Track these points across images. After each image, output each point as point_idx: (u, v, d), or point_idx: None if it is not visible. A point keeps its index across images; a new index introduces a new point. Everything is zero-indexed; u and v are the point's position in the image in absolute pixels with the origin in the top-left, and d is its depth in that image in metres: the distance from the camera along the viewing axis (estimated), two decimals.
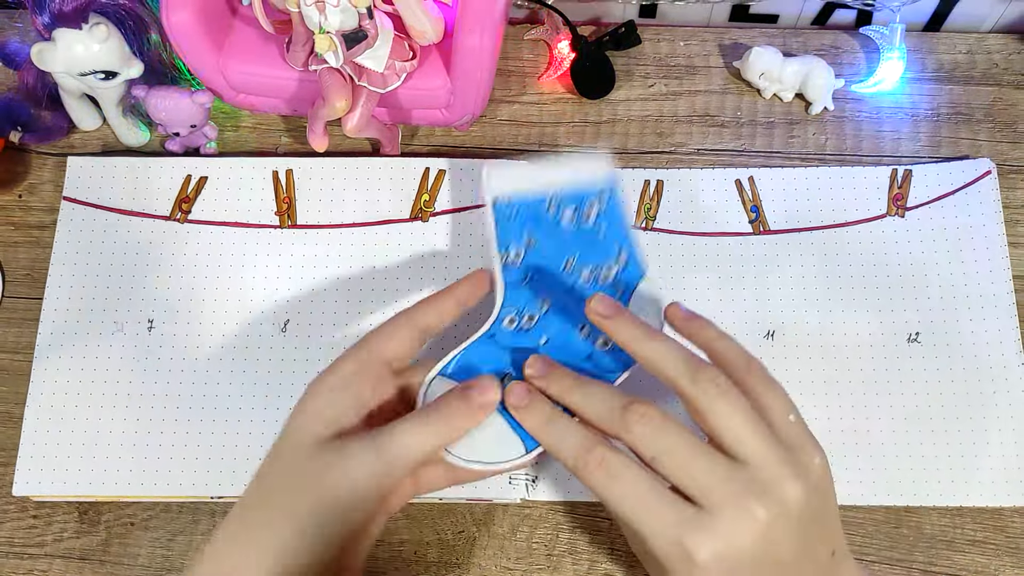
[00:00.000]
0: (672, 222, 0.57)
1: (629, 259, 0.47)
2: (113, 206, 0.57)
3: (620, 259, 0.47)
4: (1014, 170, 0.58)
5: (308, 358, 0.54)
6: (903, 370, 0.53)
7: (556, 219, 0.48)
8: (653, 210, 0.57)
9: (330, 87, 0.51)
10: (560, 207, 0.48)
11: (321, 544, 0.39)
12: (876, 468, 0.51)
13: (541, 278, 0.47)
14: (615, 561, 0.50)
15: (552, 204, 0.48)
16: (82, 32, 0.52)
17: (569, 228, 0.48)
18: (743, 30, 0.63)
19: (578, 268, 0.47)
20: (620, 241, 0.48)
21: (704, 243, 0.56)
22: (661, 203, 0.57)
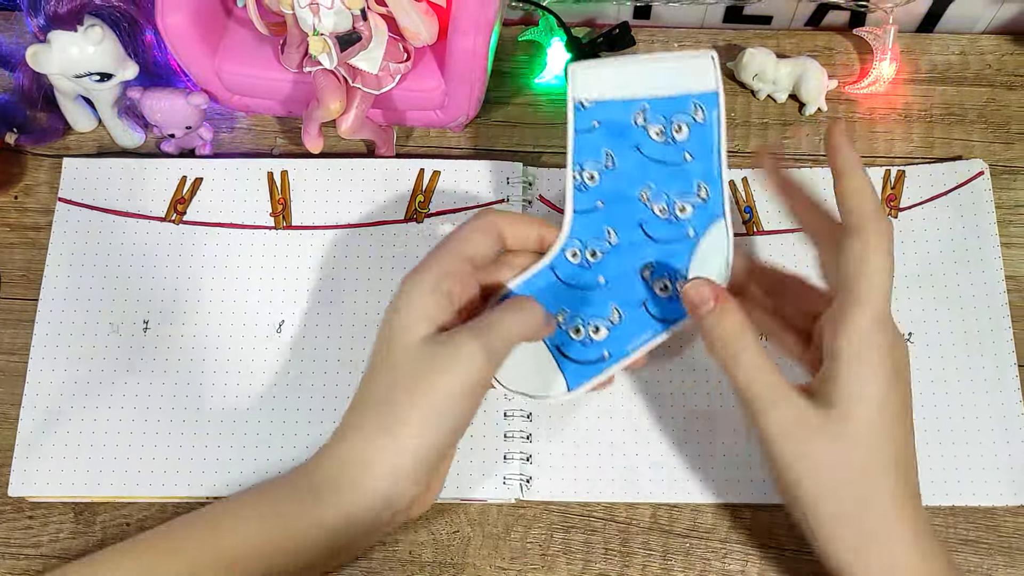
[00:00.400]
0: None
1: (711, 195, 0.45)
2: (108, 207, 0.57)
3: (701, 193, 0.45)
4: (1007, 171, 0.58)
5: (303, 359, 0.54)
6: None
7: (643, 132, 0.45)
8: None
9: (324, 89, 0.52)
10: (649, 118, 0.45)
11: (444, 435, 0.42)
12: None
13: (613, 207, 0.46)
14: (609, 561, 0.50)
15: (641, 114, 0.45)
16: (77, 34, 0.52)
17: (654, 146, 0.45)
18: (737, 31, 0.63)
19: (654, 198, 0.45)
20: (705, 171, 0.45)
21: None
22: None
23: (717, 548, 0.51)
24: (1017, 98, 0.61)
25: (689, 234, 0.45)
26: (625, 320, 0.46)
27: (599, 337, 0.46)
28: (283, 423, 0.53)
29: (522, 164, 0.58)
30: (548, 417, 0.53)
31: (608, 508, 0.52)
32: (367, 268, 0.56)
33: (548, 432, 0.53)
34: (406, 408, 0.42)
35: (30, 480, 0.51)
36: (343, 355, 0.54)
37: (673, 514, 0.51)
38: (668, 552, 0.51)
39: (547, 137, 0.60)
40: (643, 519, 0.51)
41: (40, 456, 0.52)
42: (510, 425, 0.53)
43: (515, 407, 0.53)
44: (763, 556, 0.50)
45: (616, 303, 0.45)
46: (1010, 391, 0.53)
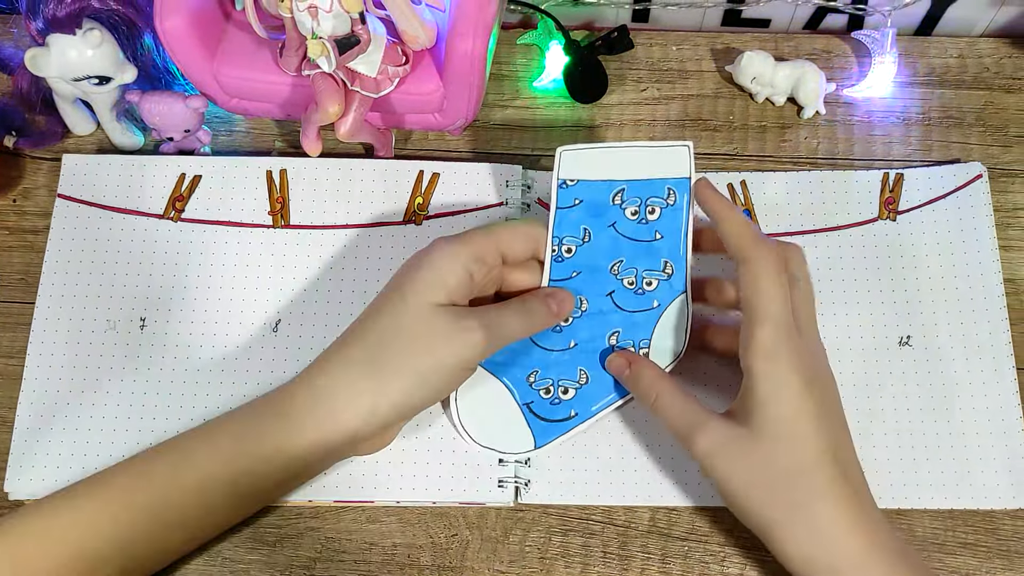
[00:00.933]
0: None
1: (675, 272, 0.50)
2: (107, 204, 0.57)
3: (666, 270, 0.50)
4: (1005, 174, 0.58)
5: (299, 359, 0.54)
6: (894, 373, 0.53)
7: (619, 211, 0.50)
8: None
9: (323, 92, 0.52)
10: (626, 199, 0.50)
11: (424, 397, 0.46)
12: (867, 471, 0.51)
13: (587, 277, 0.50)
14: (608, 565, 0.50)
15: (619, 194, 0.50)
16: (76, 37, 0.52)
17: (628, 224, 0.50)
18: (735, 34, 0.63)
19: (624, 271, 0.50)
20: (672, 249, 0.50)
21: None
22: None
23: (716, 551, 0.51)
24: (1015, 101, 0.61)
25: (654, 305, 0.50)
26: (591, 382, 0.51)
27: (567, 397, 0.51)
28: None
29: (521, 167, 0.58)
30: None
31: (607, 511, 0.52)
32: (364, 269, 0.56)
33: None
34: (399, 362, 0.45)
35: (27, 481, 0.51)
36: None
37: (672, 517, 0.51)
38: (666, 555, 0.51)
39: (546, 140, 0.60)
40: (642, 522, 0.51)
41: (37, 455, 0.52)
42: None
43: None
44: (761, 560, 0.50)
45: (584, 366, 0.51)
46: (1008, 394, 0.53)
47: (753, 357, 0.44)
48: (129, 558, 0.45)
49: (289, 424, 0.46)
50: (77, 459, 0.52)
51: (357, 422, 0.45)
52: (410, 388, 0.45)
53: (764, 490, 0.44)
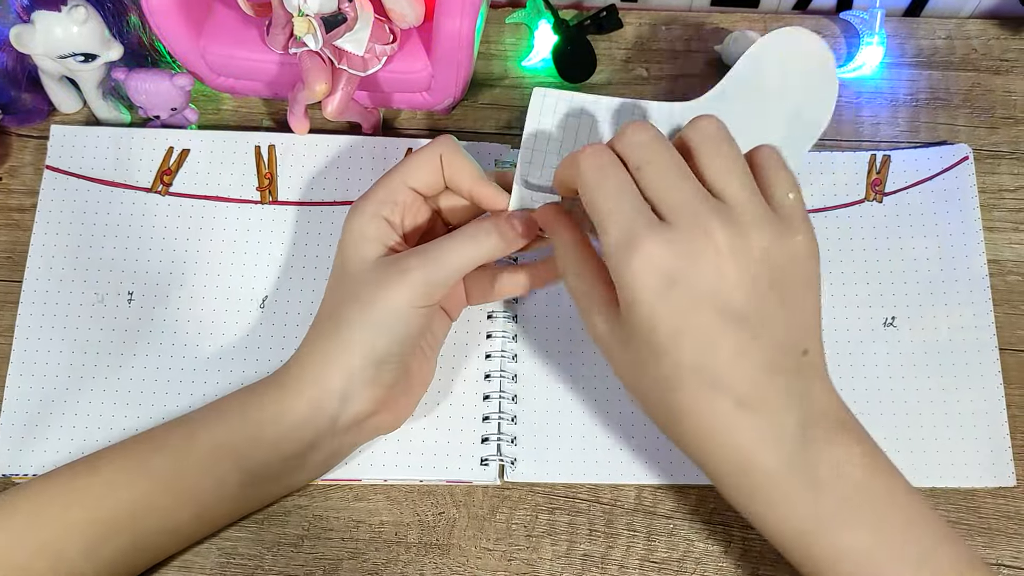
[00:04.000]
0: None
1: None
2: (95, 176, 0.57)
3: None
4: (991, 155, 0.59)
5: (285, 335, 0.54)
6: (879, 354, 0.54)
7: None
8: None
9: (310, 70, 0.51)
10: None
11: (388, 343, 0.46)
12: None
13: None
14: (594, 542, 0.51)
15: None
16: (61, 14, 0.52)
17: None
18: (724, 14, 0.63)
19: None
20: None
21: None
22: None
23: (701, 529, 0.51)
24: (1002, 83, 0.61)
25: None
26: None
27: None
28: None
29: (510, 146, 0.58)
30: (534, 399, 0.53)
31: (593, 489, 0.52)
32: None
33: (534, 414, 0.53)
34: (353, 317, 0.46)
35: (15, 459, 0.51)
36: None
37: (657, 495, 0.52)
38: (652, 533, 0.51)
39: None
40: (627, 500, 0.52)
41: (23, 436, 0.52)
42: (489, 407, 0.53)
43: (494, 389, 0.53)
44: (745, 536, 0.51)
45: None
46: (991, 375, 0.53)
47: (609, 266, 0.40)
48: (139, 531, 0.46)
49: (282, 392, 0.47)
50: (67, 432, 0.52)
51: (338, 382, 0.46)
52: (371, 339, 0.46)
53: (641, 396, 0.42)
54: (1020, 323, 0.55)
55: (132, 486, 0.46)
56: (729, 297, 0.38)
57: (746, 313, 0.39)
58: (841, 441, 0.41)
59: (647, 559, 0.51)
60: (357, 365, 0.46)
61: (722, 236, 0.38)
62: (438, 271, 0.46)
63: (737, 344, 0.39)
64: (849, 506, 0.40)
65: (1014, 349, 0.54)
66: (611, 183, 0.40)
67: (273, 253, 0.56)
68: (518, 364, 0.54)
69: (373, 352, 0.46)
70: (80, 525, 0.45)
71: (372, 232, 0.47)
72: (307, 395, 0.47)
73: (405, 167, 0.48)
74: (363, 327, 0.46)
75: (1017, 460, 0.52)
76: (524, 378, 0.54)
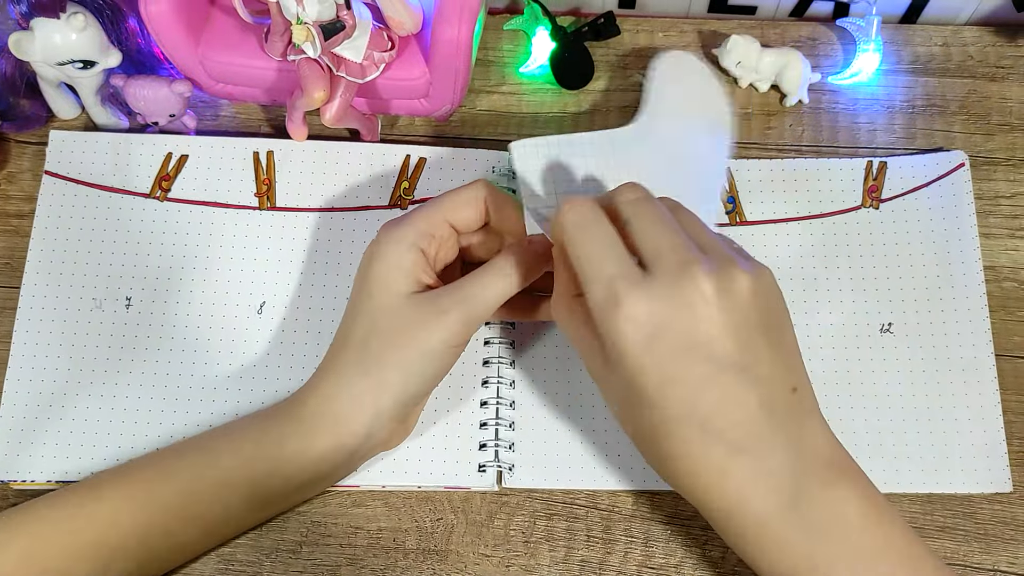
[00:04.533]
0: None
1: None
2: (93, 182, 0.57)
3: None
4: (987, 162, 0.59)
5: (283, 340, 0.54)
6: (876, 360, 0.54)
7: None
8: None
9: (308, 77, 0.52)
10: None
11: (419, 384, 0.47)
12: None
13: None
14: (591, 548, 0.51)
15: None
16: (60, 21, 0.52)
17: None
18: (722, 21, 0.64)
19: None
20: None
21: None
22: None
23: (698, 535, 0.51)
24: (998, 89, 0.61)
25: None
26: None
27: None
28: (262, 404, 0.53)
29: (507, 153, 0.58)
30: (531, 405, 0.53)
31: (591, 496, 0.52)
32: (350, 252, 0.56)
33: (531, 420, 0.53)
34: (386, 358, 0.45)
35: (13, 465, 0.51)
36: (323, 339, 0.54)
37: (655, 502, 0.52)
38: (649, 539, 0.51)
39: (531, 126, 0.60)
40: (625, 506, 0.52)
41: (21, 441, 0.52)
42: (487, 413, 0.53)
43: (492, 396, 0.53)
44: None
45: None
46: (987, 381, 0.53)
47: (596, 320, 0.40)
48: (147, 551, 0.46)
49: (303, 429, 0.46)
50: (64, 437, 0.52)
51: (366, 422, 0.46)
52: (404, 380, 0.46)
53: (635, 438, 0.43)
54: (1016, 329, 0.55)
55: (140, 513, 0.45)
56: (717, 343, 0.39)
57: (734, 357, 0.39)
58: (835, 483, 0.40)
59: (645, 565, 0.51)
60: (387, 407, 0.46)
61: (708, 282, 0.39)
62: (474, 309, 0.45)
63: (727, 389, 0.39)
64: (844, 550, 0.39)
65: (1010, 355, 0.54)
66: (592, 239, 0.41)
67: (271, 259, 0.56)
68: (515, 370, 0.54)
69: (405, 393, 0.46)
70: (88, 550, 0.44)
71: (408, 264, 0.46)
72: (331, 434, 0.46)
73: (448, 203, 0.48)
74: (398, 368, 0.46)
75: (1013, 466, 0.52)
76: (522, 384, 0.54)
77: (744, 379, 0.39)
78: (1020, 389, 0.54)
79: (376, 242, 0.47)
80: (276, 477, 0.47)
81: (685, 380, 0.39)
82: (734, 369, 0.39)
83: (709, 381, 0.39)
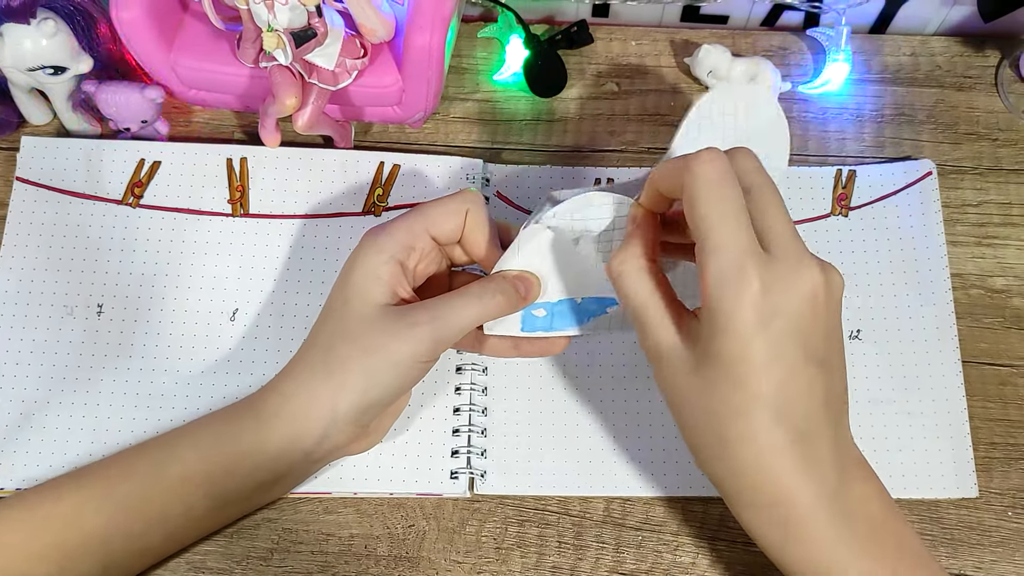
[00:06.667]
0: None
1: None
2: (65, 188, 0.57)
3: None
4: (954, 170, 0.60)
5: (255, 348, 0.54)
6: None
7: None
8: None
9: (280, 84, 0.52)
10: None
11: (382, 392, 0.46)
12: None
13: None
14: (563, 554, 0.51)
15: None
16: (30, 27, 0.51)
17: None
18: (694, 30, 0.64)
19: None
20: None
21: None
22: None
23: (669, 541, 0.51)
24: (966, 99, 0.62)
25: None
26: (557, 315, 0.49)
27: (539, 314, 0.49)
28: None
29: (482, 161, 0.58)
30: (504, 412, 0.53)
31: (562, 502, 0.52)
32: (323, 260, 0.56)
33: (503, 427, 0.53)
34: (350, 364, 0.45)
35: None
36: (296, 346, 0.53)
37: (626, 508, 0.52)
38: (620, 545, 0.51)
39: (505, 133, 0.61)
40: (596, 512, 0.52)
41: None
42: (459, 420, 0.53)
43: (464, 402, 0.53)
44: (713, 548, 0.51)
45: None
46: (954, 387, 0.54)
47: (706, 289, 0.39)
48: (109, 552, 0.45)
49: (260, 424, 0.46)
50: (35, 445, 0.52)
51: (322, 423, 0.46)
52: (364, 387, 0.45)
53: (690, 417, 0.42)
54: (982, 336, 0.56)
55: (100, 513, 0.45)
56: (814, 335, 0.40)
57: (822, 352, 0.40)
58: (865, 479, 0.43)
59: (616, 571, 0.51)
60: (343, 409, 0.46)
61: (820, 278, 0.39)
62: (446, 328, 0.45)
63: (809, 380, 0.40)
64: (873, 541, 0.41)
65: (976, 362, 0.55)
66: (728, 202, 0.39)
67: (244, 266, 0.56)
68: (488, 377, 0.54)
69: (364, 399, 0.46)
70: (47, 551, 0.44)
71: (385, 275, 0.46)
72: (285, 431, 0.46)
73: (430, 214, 0.47)
74: (360, 373, 0.45)
75: (980, 472, 0.53)
76: (494, 391, 0.54)
77: (822, 373, 0.40)
78: (986, 395, 0.55)
79: (358, 249, 0.47)
80: (234, 475, 0.47)
81: (782, 365, 0.39)
82: (819, 364, 0.40)
83: (799, 370, 0.39)
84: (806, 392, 0.40)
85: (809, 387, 0.40)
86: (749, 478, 0.41)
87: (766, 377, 0.39)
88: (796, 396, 0.40)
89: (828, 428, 0.41)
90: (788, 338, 0.39)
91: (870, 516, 0.42)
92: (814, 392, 0.40)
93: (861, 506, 0.41)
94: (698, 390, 0.41)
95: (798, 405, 0.40)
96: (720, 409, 0.40)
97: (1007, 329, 0.56)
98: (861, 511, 0.41)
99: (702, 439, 0.42)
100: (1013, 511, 0.52)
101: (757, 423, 0.40)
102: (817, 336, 0.40)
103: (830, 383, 0.41)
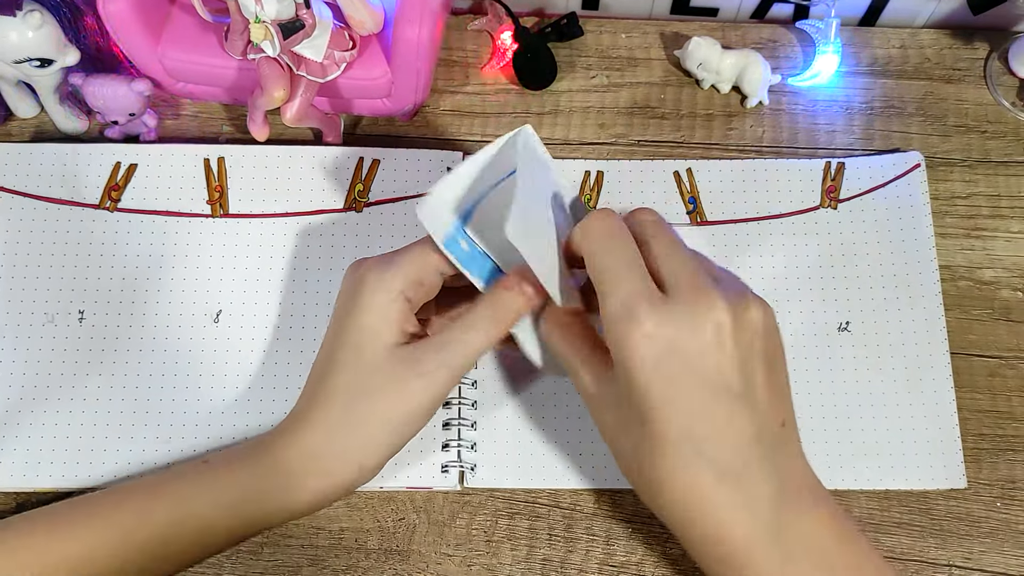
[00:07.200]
0: None
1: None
2: (42, 194, 0.56)
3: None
4: (943, 163, 0.60)
5: (240, 348, 0.54)
6: (833, 358, 0.54)
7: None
8: (593, 201, 0.58)
9: (268, 76, 0.51)
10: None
11: (406, 438, 0.46)
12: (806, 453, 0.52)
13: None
14: (553, 547, 0.51)
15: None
16: (16, 19, 0.51)
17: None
18: (684, 23, 0.64)
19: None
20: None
21: None
22: (601, 194, 0.58)
23: (659, 533, 0.52)
24: (955, 91, 0.62)
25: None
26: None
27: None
28: (221, 414, 0.53)
29: (461, 153, 0.58)
30: (493, 405, 0.53)
31: (552, 495, 0.52)
32: (305, 258, 0.56)
33: (493, 420, 0.53)
34: (374, 418, 0.45)
35: None
36: (280, 345, 0.54)
37: (616, 500, 0.52)
38: (611, 537, 0.51)
39: (495, 126, 0.60)
40: (587, 505, 0.52)
41: None
42: (449, 414, 0.53)
43: (454, 396, 0.53)
44: None
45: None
46: (942, 379, 0.54)
47: (605, 335, 0.41)
48: None
49: (288, 484, 0.45)
50: (20, 455, 0.51)
51: (351, 478, 0.46)
52: (390, 439, 0.45)
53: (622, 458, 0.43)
54: (971, 328, 0.56)
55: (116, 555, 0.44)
56: (724, 371, 0.40)
57: (738, 387, 0.40)
58: (813, 510, 0.42)
59: (606, 563, 0.51)
60: (370, 465, 0.46)
61: (724, 312, 0.40)
62: (457, 369, 0.45)
63: (726, 416, 0.40)
64: (823, 572, 0.41)
65: (965, 353, 0.55)
66: (616, 252, 0.42)
67: (226, 267, 0.55)
68: (478, 370, 0.54)
69: (389, 452, 0.46)
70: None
71: (395, 314, 0.45)
72: (313, 491, 0.46)
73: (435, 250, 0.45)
74: (384, 427, 0.45)
75: (968, 462, 0.53)
76: (484, 384, 0.54)
77: (743, 408, 0.40)
78: (975, 387, 0.55)
79: (360, 284, 0.46)
80: (257, 525, 0.46)
81: (689, 402, 0.39)
82: (735, 398, 0.40)
83: (711, 406, 0.40)
84: (725, 427, 0.40)
85: (728, 422, 0.40)
86: (680, 515, 0.41)
87: (672, 415, 0.39)
88: (714, 433, 0.40)
89: (762, 462, 0.40)
90: (688, 376, 0.39)
91: (821, 548, 0.41)
92: (737, 426, 0.40)
93: (809, 539, 0.41)
94: (623, 431, 0.42)
95: (719, 442, 0.40)
96: (640, 447, 0.41)
97: (995, 321, 0.56)
98: (809, 544, 0.41)
99: (636, 477, 0.43)
100: (1002, 502, 0.53)
101: (676, 461, 0.40)
102: (728, 370, 0.40)
103: (757, 415, 0.40)
